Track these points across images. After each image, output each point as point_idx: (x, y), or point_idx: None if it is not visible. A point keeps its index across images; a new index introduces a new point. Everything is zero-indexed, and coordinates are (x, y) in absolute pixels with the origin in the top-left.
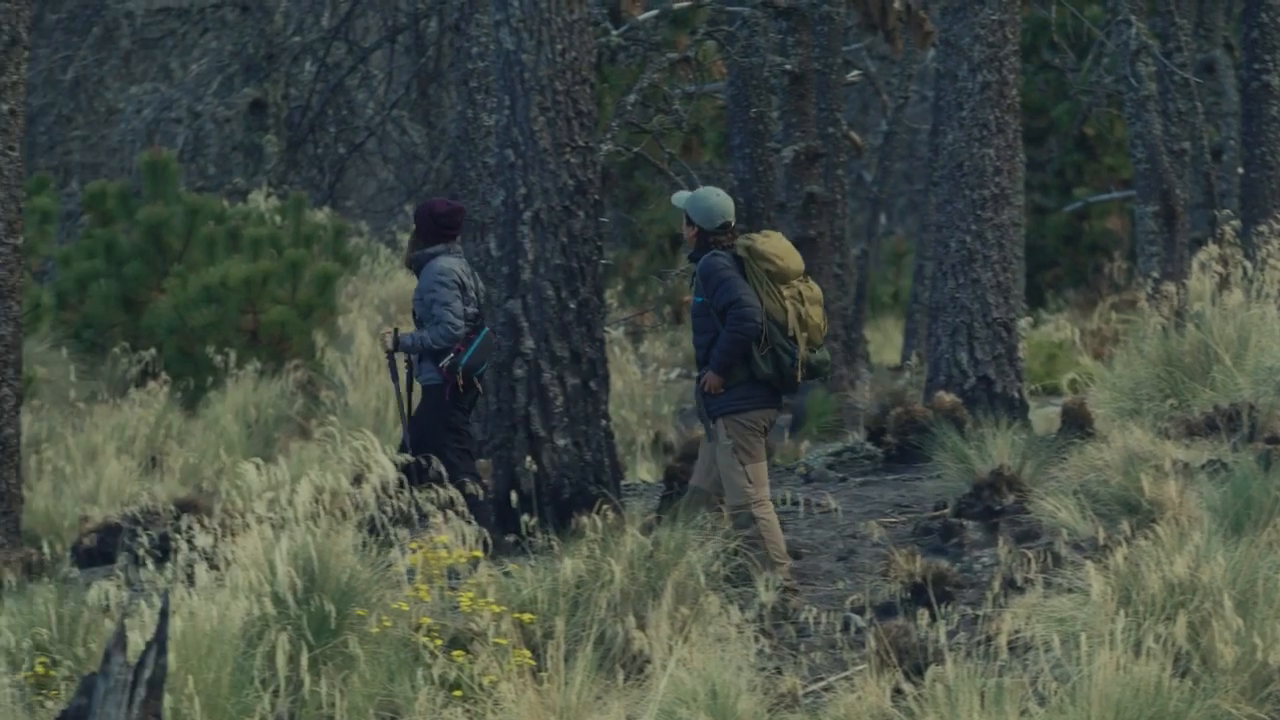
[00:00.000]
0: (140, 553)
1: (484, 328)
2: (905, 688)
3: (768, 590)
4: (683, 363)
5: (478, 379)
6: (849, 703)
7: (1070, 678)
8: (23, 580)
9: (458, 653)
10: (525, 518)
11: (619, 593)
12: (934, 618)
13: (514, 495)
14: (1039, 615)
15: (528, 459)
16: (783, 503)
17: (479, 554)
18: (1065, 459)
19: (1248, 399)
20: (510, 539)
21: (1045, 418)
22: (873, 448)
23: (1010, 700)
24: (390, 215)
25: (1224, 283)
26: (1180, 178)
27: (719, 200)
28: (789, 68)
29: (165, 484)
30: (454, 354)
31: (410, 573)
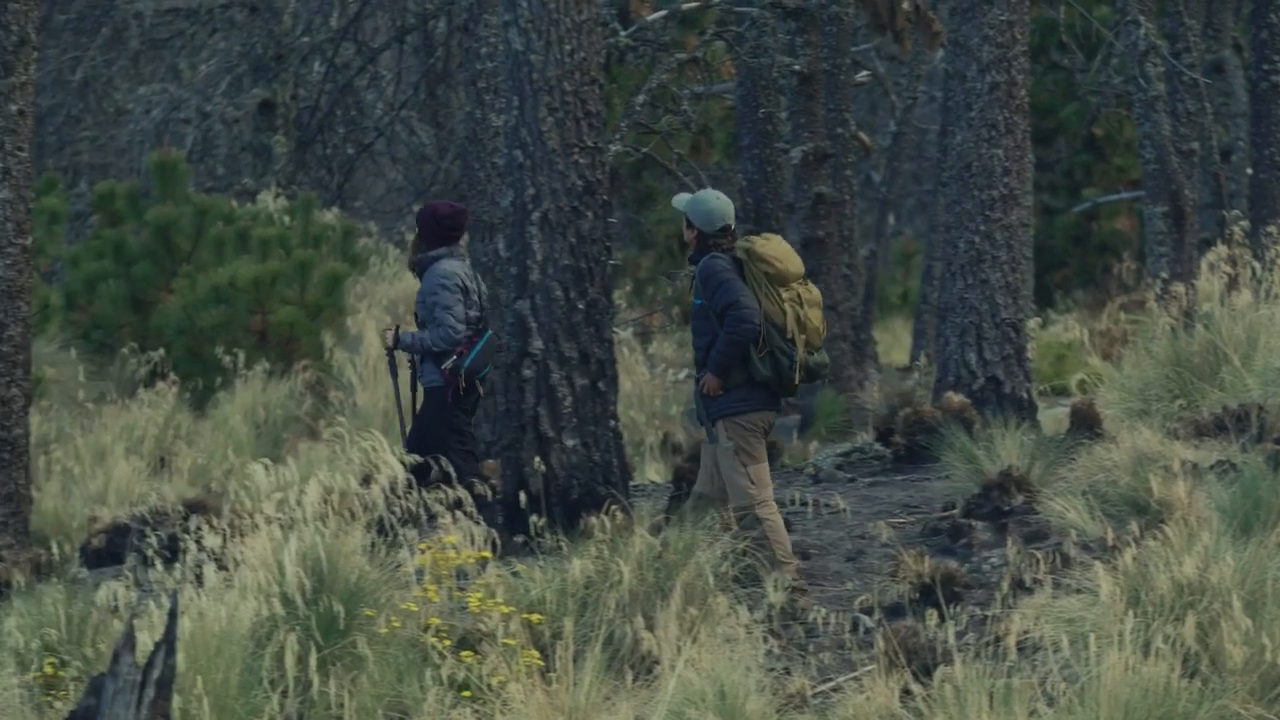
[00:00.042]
0: (149, 553)
1: (487, 331)
2: (914, 688)
3: (776, 591)
4: (691, 364)
5: (480, 382)
6: (857, 703)
7: (1079, 678)
8: (31, 581)
9: (466, 653)
10: (534, 518)
11: (628, 593)
12: (943, 618)
13: (522, 496)
14: (1048, 616)
15: (536, 459)
16: (791, 503)
17: (487, 554)
18: (1074, 459)
19: (1256, 399)
20: (519, 539)
21: (1054, 418)
22: (881, 448)
23: (1019, 701)
24: (399, 216)
25: (1233, 283)
26: (1189, 178)
27: (719, 203)
28: (798, 68)
29: (174, 484)
30: (456, 356)
31: (419, 573)
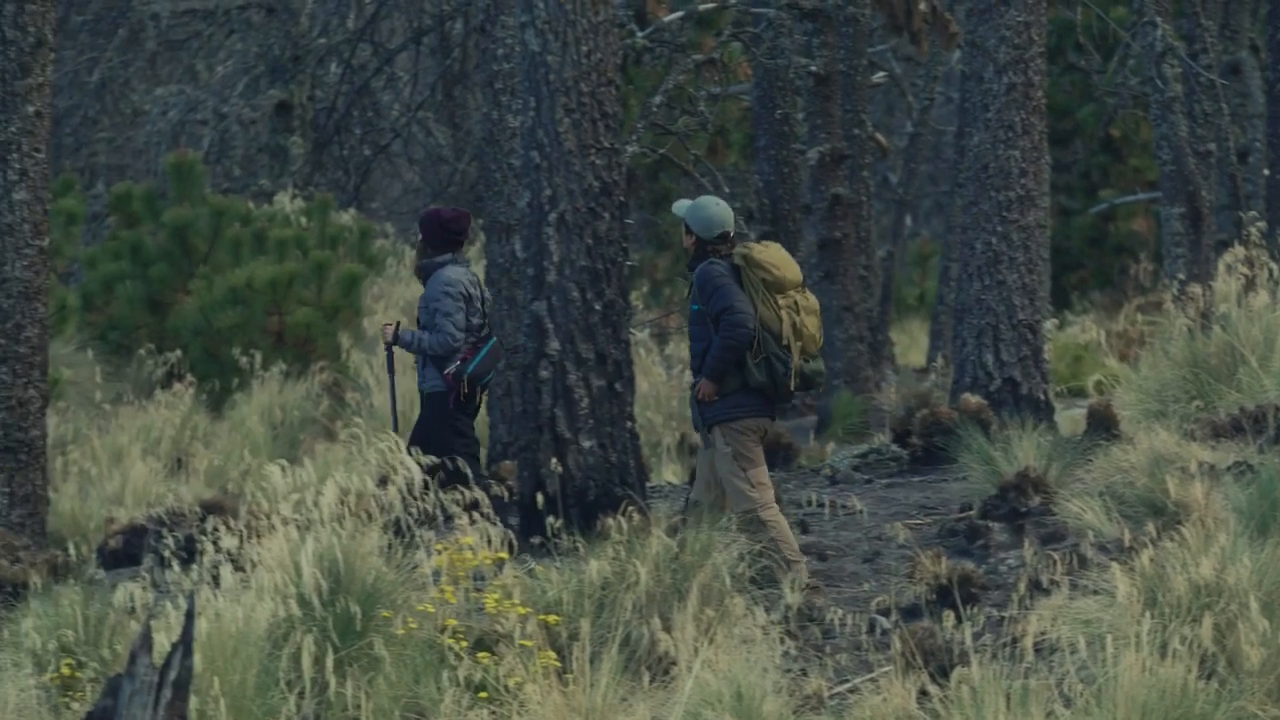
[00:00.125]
0: (166, 554)
1: (492, 338)
2: (931, 689)
3: (793, 592)
4: None
5: (482, 388)
6: (874, 704)
7: (1096, 679)
8: (49, 582)
9: (483, 654)
10: (551, 519)
11: (644, 594)
12: (959, 619)
13: (539, 497)
14: (1065, 617)
15: (553, 461)
16: (808, 504)
17: (504, 556)
18: (1091, 461)
19: (1273, 400)
20: (536, 540)
21: (1071, 419)
22: (898, 449)
23: (1036, 702)
24: (415, 217)
25: (1250, 284)
26: (1206, 179)
27: (718, 210)
28: (814, 69)
29: (190, 485)
30: (460, 362)
31: (436, 574)
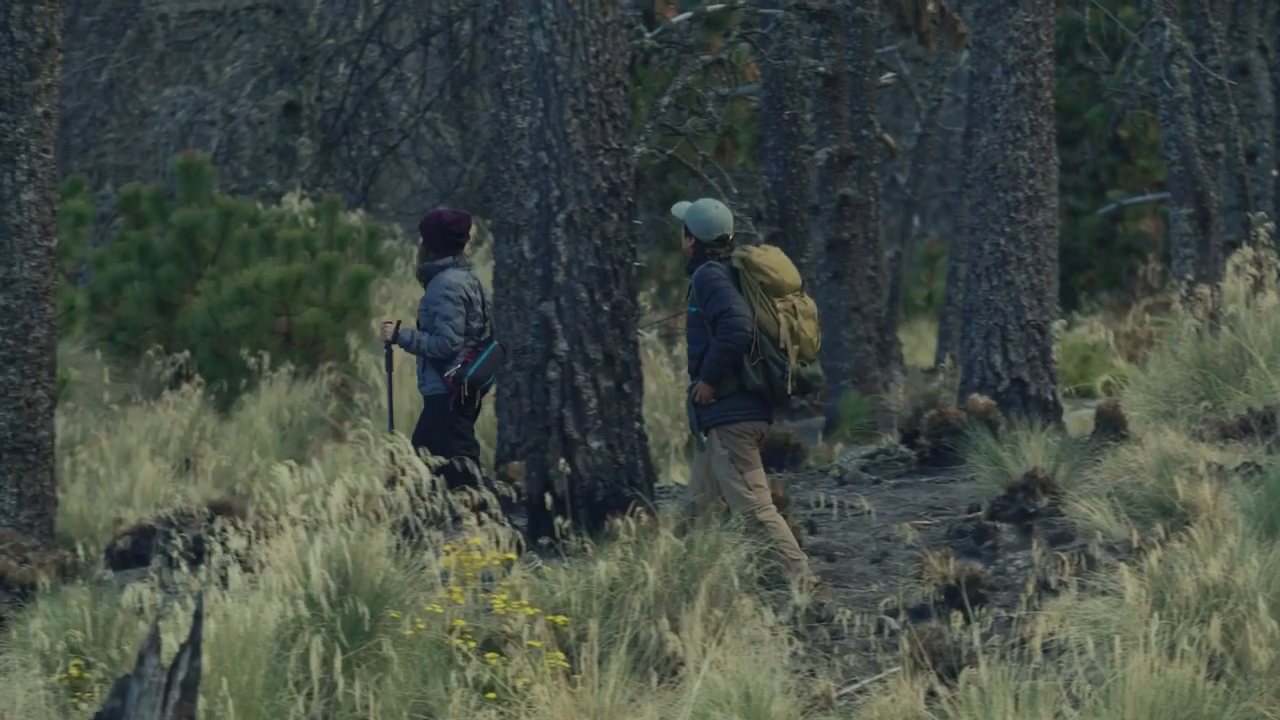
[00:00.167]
0: (174, 555)
1: (493, 342)
2: (939, 690)
3: (801, 592)
4: None
5: (481, 392)
6: (883, 705)
7: (1104, 680)
8: (57, 582)
9: (491, 655)
10: (559, 520)
11: (652, 595)
12: (968, 620)
13: (548, 497)
14: (1073, 618)
15: (561, 461)
16: (816, 505)
17: (512, 556)
18: (1099, 461)
19: None
20: (544, 541)
21: (1079, 420)
22: (906, 450)
23: (1044, 703)
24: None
25: (1258, 285)
26: (1214, 180)
27: (717, 213)
28: (822, 70)
29: (199, 486)
30: (461, 365)
31: (444, 575)
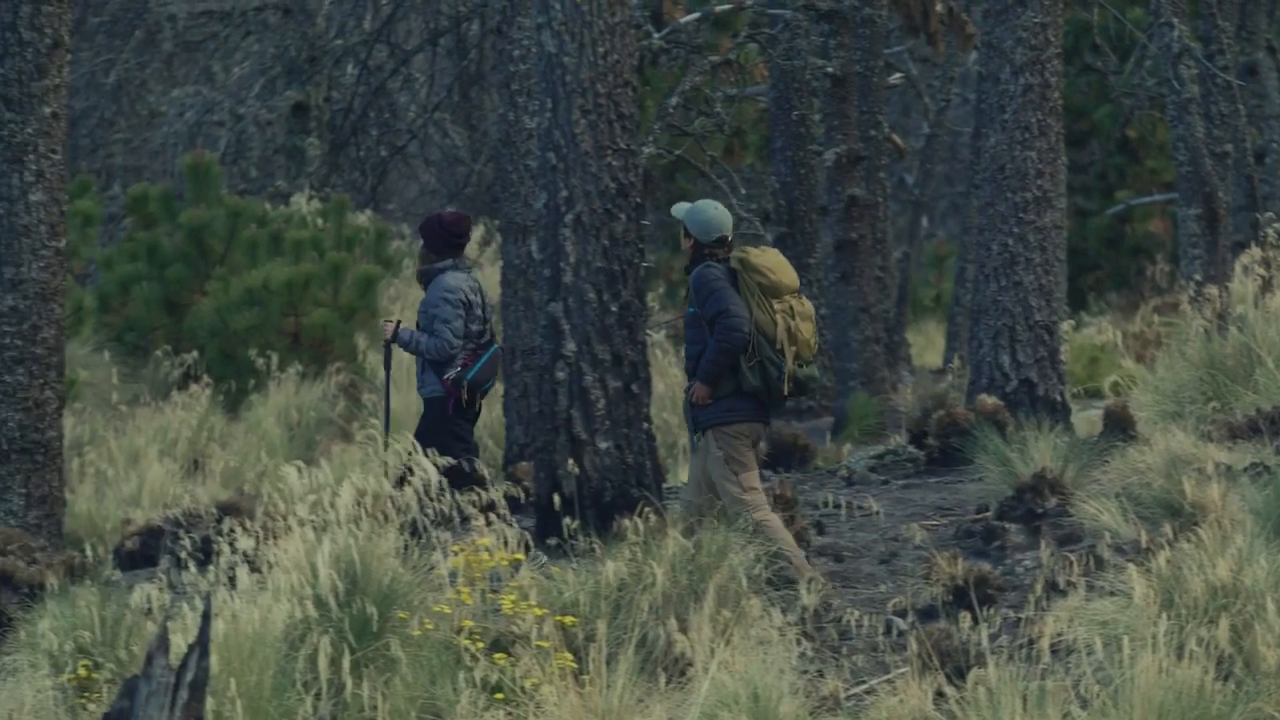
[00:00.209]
0: (182, 555)
1: (493, 345)
2: (947, 690)
3: (809, 593)
4: None
5: (481, 395)
6: (891, 705)
7: (1112, 681)
8: (65, 583)
9: (500, 655)
10: (567, 520)
11: (661, 595)
12: (976, 620)
13: (556, 498)
14: (1081, 618)
15: (569, 462)
16: (825, 505)
17: (521, 557)
18: (1107, 462)
19: None
20: (552, 542)
21: (1087, 421)
22: (915, 450)
23: (1053, 703)
24: None
25: (1266, 285)
26: (1223, 180)
27: (717, 214)
28: (831, 70)
29: (207, 487)
30: (460, 368)
31: (452, 575)
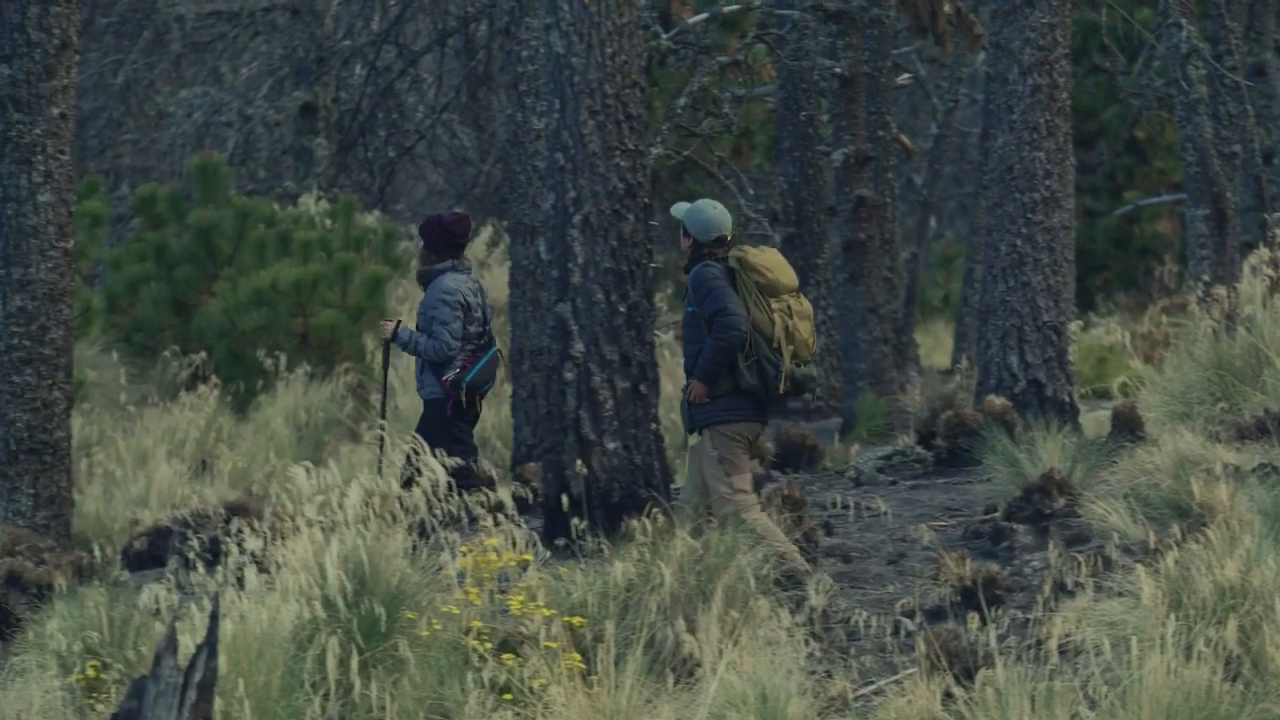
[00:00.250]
0: (190, 556)
1: (492, 347)
2: (955, 691)
3: (818, 593)
4: None
5: (480, 397)
6: (899, 706)
7: (1121, 681)
8: (73, 583)
9: (508, 656)
10: (575, 521)
11: (669, 596)
12: (984, 621)
13: (564, 499)
14: (1089, 619)
15: (578, 462)
16: (833, 506)
17: (529, 557)
18: (1115, 463)
19: None
20: (560, 542)
21: (1095, 421)
22: (923, 451)
23: (1061, 704)
24: None
25: (1275, 286)
26: (1231, 181)
27: (715, 213)
28: (839, 71)
29: (215, 487)
30: (459, 370)
31: (460, 576)
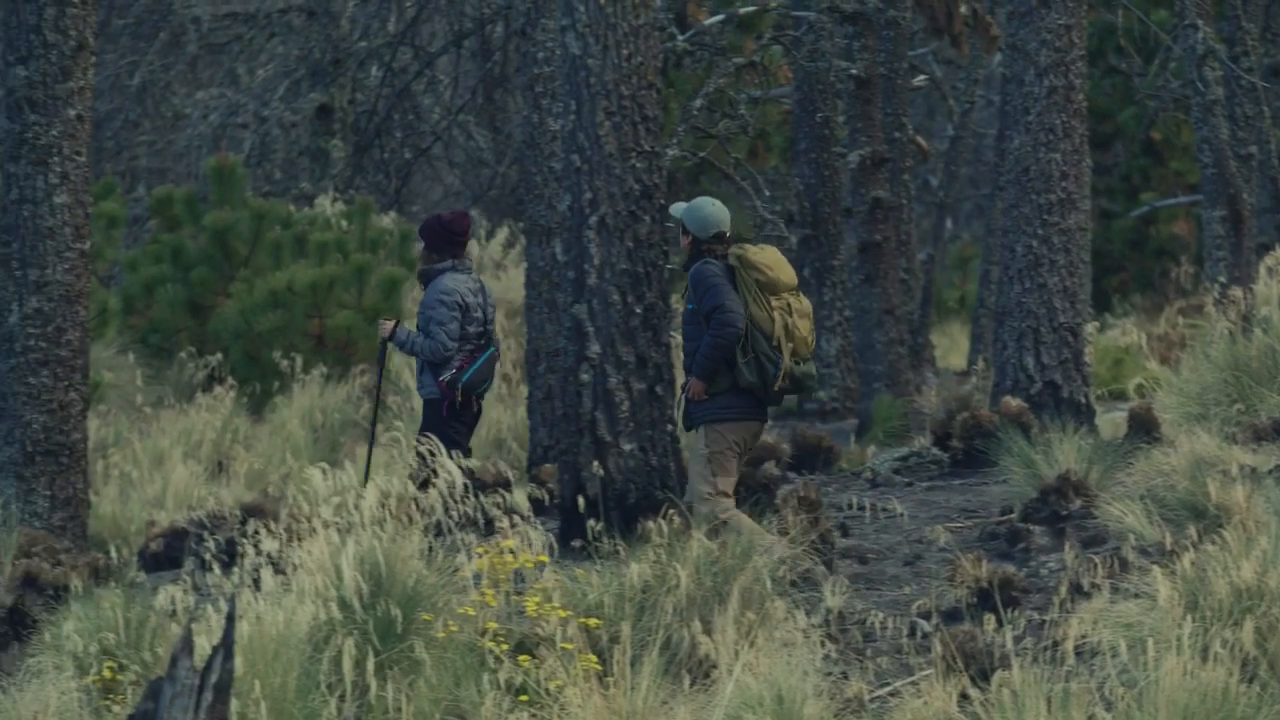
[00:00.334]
0: (207, 557)
1: (490, 348)
2: (971, 693)
3: (833, 595)
4: None
5: (477, 397)
6: (915, 708)
7: (1137, 683)
8: (90, 585)
9: (524, 657)
10: (591, 522)
11: (685, 597)
12: (1000, 623)
13: (580, 500)
14: (1106, 620)
15: (594, 464)
16: (849, 507)
17: (545, 559)
18: (1132, 464)
19: None
20: (576, 544)
21: (1112, 423)
22: (939, 452)
23: (1077, 705)
24: None
25: None
26: (1247, 182)
27: (714, 210)
28: (855, 72)
29: (231, 489)
30: (455, 369)
31: (476, 577)
